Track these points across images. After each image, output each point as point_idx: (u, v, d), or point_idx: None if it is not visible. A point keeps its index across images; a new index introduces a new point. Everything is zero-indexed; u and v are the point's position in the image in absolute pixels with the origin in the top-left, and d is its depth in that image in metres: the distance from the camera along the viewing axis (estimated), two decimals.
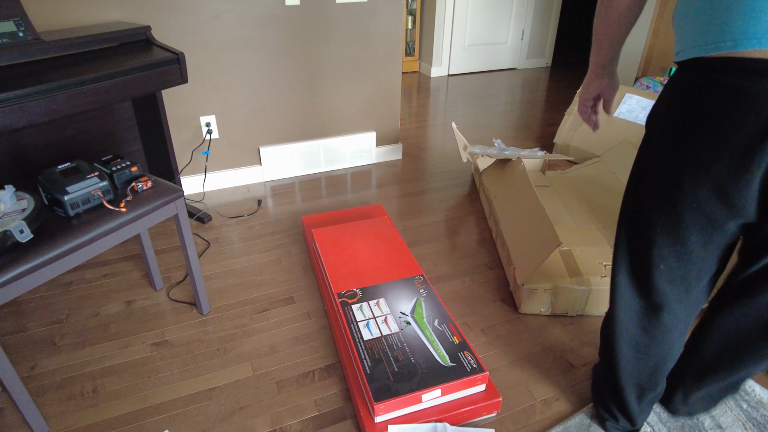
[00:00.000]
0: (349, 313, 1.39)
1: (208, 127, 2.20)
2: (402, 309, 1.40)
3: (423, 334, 1.32)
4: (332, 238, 1.72)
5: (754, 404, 1.29)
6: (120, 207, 1.21)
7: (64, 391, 1.31)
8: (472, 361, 1.24)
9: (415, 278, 1.53)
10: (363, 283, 1.51)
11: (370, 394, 1.15)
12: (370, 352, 1.26)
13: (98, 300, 1.63)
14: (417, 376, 1.19)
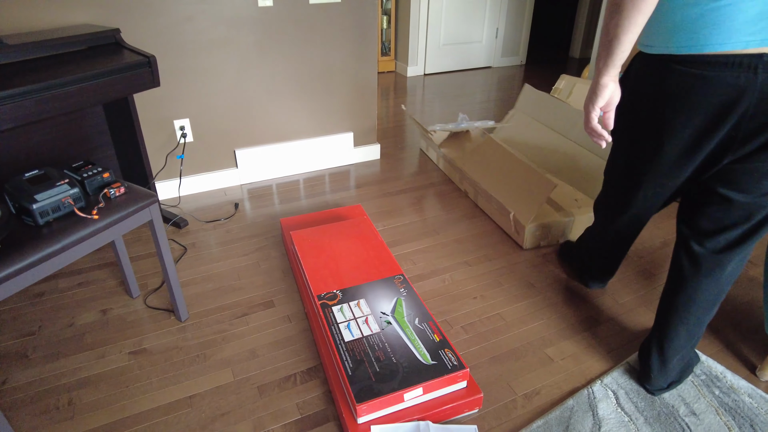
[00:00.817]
0: (330, 315, 1.38)
1: (182, 131, 2.17)
2: (383, 309, 1.41)
3: (404, 333, 1.32)
4: (311, 240, 1.71)
5: (725, 390, 1.33)
6: (92, 214, 1.19)
7: (37, 404, 1.27)
8: (452, 358, 1.25)
9: (395, 278, 1.53)
10: (343, 284, 1.50)
11: (352, 396, 1.15)
12: (352, 353, 1.26)
13: (72, 310, 1.59)
14: (399, 375, 1.20)
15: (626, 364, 1.40)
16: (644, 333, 1.53)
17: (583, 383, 1.35)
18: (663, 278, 1.78)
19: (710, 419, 1.25)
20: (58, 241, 1.11)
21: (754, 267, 1.85)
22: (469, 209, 2.21)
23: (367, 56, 2.43)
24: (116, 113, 1.89)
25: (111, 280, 1.73)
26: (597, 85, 1.04)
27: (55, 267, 1.12)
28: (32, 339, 1.48)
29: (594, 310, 1.62)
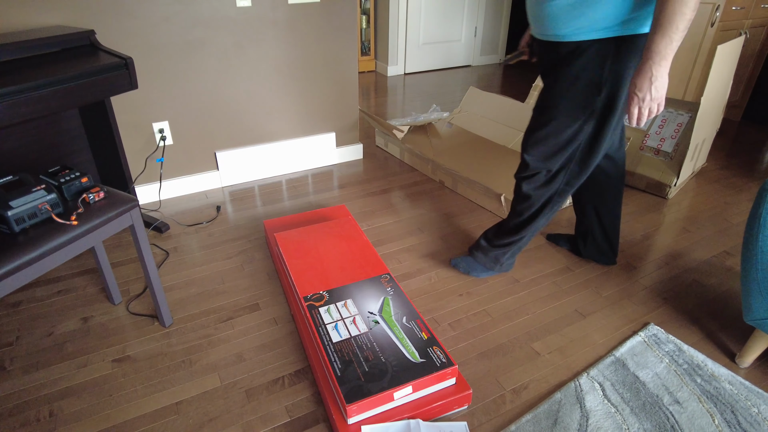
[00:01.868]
0: (317, 316, 1.38)
1: (161, 134, 2.13)
2: (370, 309, 1.40)
3: (392, 332, 1.32)
4: (295, 242, 1.70)
5: (707, 378, 1.36)
6: (71, 220, 1.16)
7: (17, 417, 1.24)
8: (441, 355, 1.25)
9: (382, 277, 1.53)
10: (329, 285, 1.50)
11: (341, 396, 1.14)
12: (340, 354, 1.25)
13: (52, 319, 1.56)
14: (388, 374, 1.20)
15: (612, 357, 1.42)
16: (629, 324, 1.55)
17: (569, 376, 1.37)
18: (645, 271, 1.81)
19: (693, 407, 1.27)
20: (35, 249, 1.08)
21: (730, 257, 1.90)
22: (453, 205, 2.22)
23: (347, 56, 2.43)
24: (93, 117, 1.85)
25: (91, 287, 1.69)
26: (665, 72, 1.16)
27: (33, 275, 1.09)
28: (9, 350, 1.44)
29: (578, 303, 1.64)
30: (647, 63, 1.16)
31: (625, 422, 1.23)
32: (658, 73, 1.15)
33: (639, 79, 1.19)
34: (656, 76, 1.16)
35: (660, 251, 1.93)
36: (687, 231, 2.07)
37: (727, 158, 2.77)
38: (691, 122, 2.27)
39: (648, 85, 1.18)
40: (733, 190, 2.41)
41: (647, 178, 2.35)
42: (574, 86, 1.31)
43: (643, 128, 1.71)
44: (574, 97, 1.32)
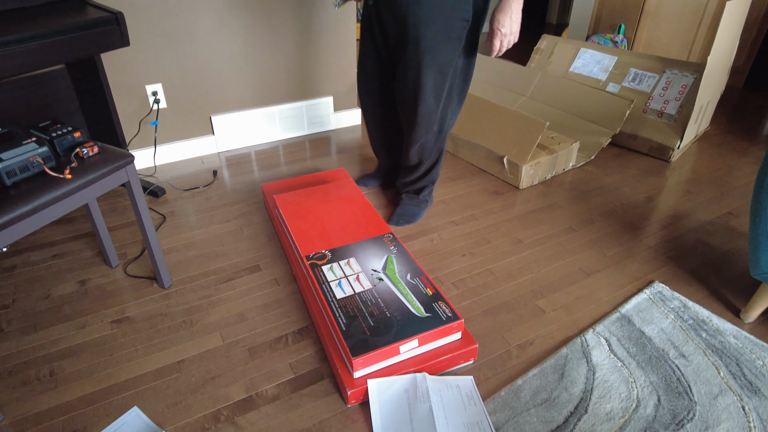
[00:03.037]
0: (320, 274, 1.35)
1: (154, 96, 2.07)
2: (373, 266, 1.38)
3: (396, 288, 1.30)
4: (295, 203, 1.66)
5: (712, 333, 1.35)
6: (64, 174, 1.12)
7: (16, 377, 1.22)
8: (447, 310, 1.23)
9: (385, 236, 1.50)
10: (332, 244, 1.47)
11: (347, 350, 1.13)
12: (344, 309, 1.24)
13: (48, 282, 1.53)
14: (393, 328, 1.18)
15: (617, 313, 1.41)
16: (634, 282, 1.54)
17: (575, 332, 1.36)
18: (648, 231, 1.80)
19: (698, 360, 1.27)
20: (28, 202, 1.05)
21: (734, 218, 1.88)
22: (454, 169, 2.19)
23: (345, 17, 2.35)
24: (83, 77, 1.79)
25: (87, 251, 1.66)
26: (520, 14, 1.30)
27: (27, 229, 1.06)
28: (6, 312, 1.41)
29: (583, 263, 1.63)
30: (507, 0, 1.32)
31: (632, 375, 1.22)
32: (517, 9, 1.31)
33: (501, 15, 1.33)
34: (515, 11, 1.31)
35: (663, 212, 1.91)
36: (690, 193, 2.05)
37: (730, 123, 2.74)
38: (696, 83, 2.23)
39: (508, 21, 1.33)
40: (736, 154, 2.39)
41: (650, 141, 2.32)
42: (449, 22, 1.38)
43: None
44: (449, 31, 1.39)
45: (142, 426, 1.10)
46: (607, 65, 2.51)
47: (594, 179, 2.15)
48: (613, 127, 2.28)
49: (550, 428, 1.10)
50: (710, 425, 1.11)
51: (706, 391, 1.19)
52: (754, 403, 1.16)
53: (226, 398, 1.17)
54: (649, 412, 1.13)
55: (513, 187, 2.07)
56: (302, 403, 1.16)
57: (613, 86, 2.47)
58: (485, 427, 1.08)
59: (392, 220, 1.81)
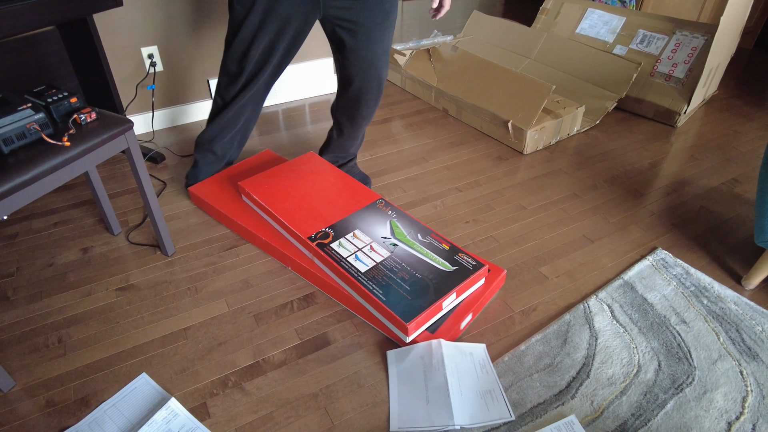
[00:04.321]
0: (332, 253, 1.32)
1: (151, 59, 2.01)
2: (381, 234, 1.37)
3: (414, 250, 1.32)
4: (267, 186, 1.57)
5: (713, 299, 1.37)
6: (63, 141, 1.09)
7: (25, 344, 1.23)
8: (470, 260, 1.29)
9: (377, 203, 1.49)
10: (328, 221, 1.44)
11: (396, 318, 1.15)
12: (374, 281, 1.23)
13: (51, 250, 1.52)
14: (430, 287, 1.21)
15: (620, 280, 1.42)
16: (637, 249, 1.55)
17: (578, 299, 1.37)
18: (652, 197, 1.79)
19: (699, 326, 1.29)
20: (28, 171, 1.03)
21: (738, 184, 1.87)
22: (458, 134, 2.16)
23: None
24: (76, 39, 1.73)
25: (88, 219, 1.65)
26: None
27: (28, 198, 1.04)
28: (11, 280, 1.41)
29: (586, 229, 1.62)
30: None
31: (633, 341, 1.24)
32: None
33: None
34: None
35: (667, 179, 1.90)
36: (695, 159, 2.03)
37: (738, 87, 2.69)
38: (706, 45, 2.17)
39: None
40: (743, 119, 2.35)
41: (656, 105, 2.28)
42: None
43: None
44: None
45: (151, 392, 1.12)
46: (614, 26, 2.44)
47: (598, 144, 2.12)
48: (619, 91, 2.24)
49: (553, 393, 1.12)
50: (708, 389, 1.13)
51: (706, 356, 1.21)
52: (752, 368, 1.18)
53: (233, 364, 1.18)
54: (650, 376, 1.16)
55: (517, 153, 2.04)
56: (309, 368, 1.18)
57: (620, 48, 2.41)
58: (497, 395, 1.10)
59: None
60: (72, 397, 1.11)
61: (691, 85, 2.19)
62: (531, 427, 1.05)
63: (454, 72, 2.31)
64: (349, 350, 1.22)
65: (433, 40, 2.47)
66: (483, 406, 1.07)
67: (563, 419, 1.06)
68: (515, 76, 2.07)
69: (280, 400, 1.11)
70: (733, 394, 1.12)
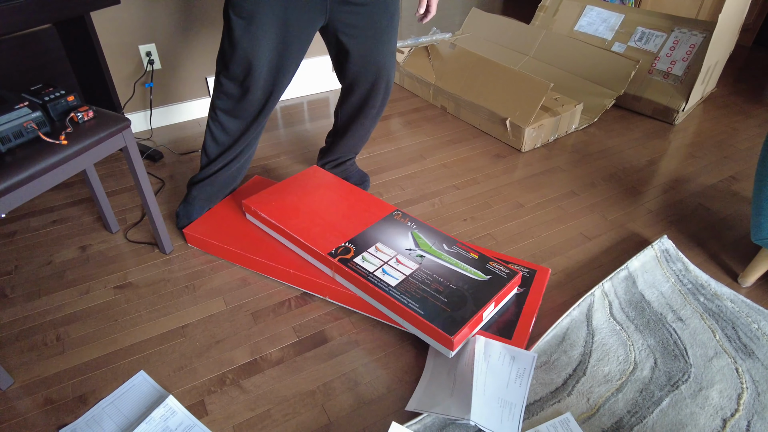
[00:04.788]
0: (357, 268, 1.26)
1: (148, 57, 2.01)
2: (405, 246, 1.34)
3: (443, 260, 1.29)
4: (274, 203, 1.49)
5: (709, 297, 1.37)
6: (60, 140, 1.10)
7: (24, 342, 1.23)
8: (502, 268, 1.28)
9: (394, 214, 1.45)
10: (347, 236, 1.37)
11: (440, 332, 1.10)
12: (408, 294, 1.19)
13: (49, 248, 1.52)
14: (467, 298, 1.18)
15: (625, 270, 1.42)
16: (634, 246, 1.55)
17: (575, 296, 1.37)
18: (649, 195, 1.79)
19: (695, 324, 1.29)
20: (25, 169, 1.03)
21: (736, 182, 1.87)
22: (456, 132, 2.16)
23: None
24: (74, 37, 1.73)
25: (87, 217, 1.65)
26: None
27: (25, 197, 1.04)
28: (9, 278, 1.42)
29: (583, 227, 1.63)
30: None
31: (630, 339, 1.24)
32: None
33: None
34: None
35: (665, 176, 1.90)
36: (693, 156, 2.03)
37: (736, 84, 2.69)
38: (705, 43, 2.17)
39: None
40: (741, 116, 2.35)
41: (654, 103, 2.28)
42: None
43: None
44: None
45: (149, 389, 1.12)
46: (613, 24, 2.44)
47: (597, 142, 2.12)
48: (617, 88, 2.24)
49: (549, 390, 1.12)
50: (704, 386, 1.14)
51: (702, 353, 1.21)
52: (748, 365, 1.19)
53: (231, 362, 1.19)
54: (646, 374, 1.16)
55: (515, 150, 2.04)
56: (306, 365, 1.18)
57: (618, 46, 2.41)
58: (516, 412, 1.05)
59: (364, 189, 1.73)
60: (70, 395, 1.11)
61: (690, 82, 2.19)
62: (527, 425, 1.06)
63: (453, 69, 2.31)
64: (346, 348, 1.22)
65: (431, 37, 2.46)
66: (498, 416, 1.03)
67: (559, 417, 1.06)
68: (513, 73, 2.07)
69: (278, 397, 1.11)
70: (729, 391, 1.13)
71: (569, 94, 2.32)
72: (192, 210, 1.54)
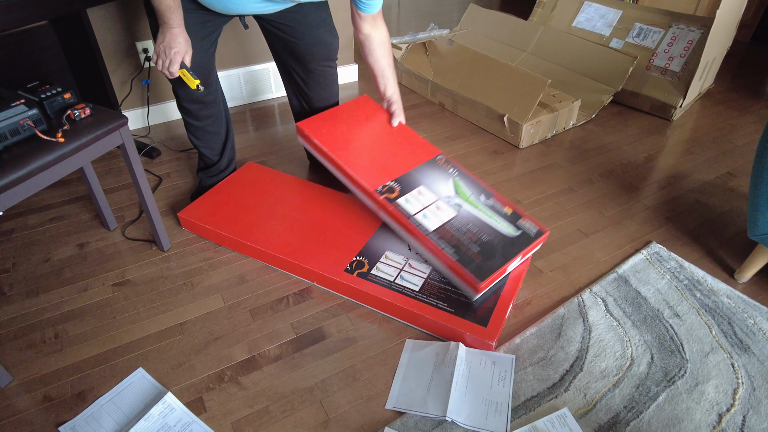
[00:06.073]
0: (401, 209, 1.34)
1: (145, 54, 2.00)
2: (445, 193, 1.41)
3: (480, 212, 1.36)
4: (326, 130, 1.54)
5: (706, 293, 1.38)
6: (57, 137, 1.09)
7: (22, 339, 1.24)
8: (531, 227, 1.35)
9: (437, 158, 1.52)
10: (393, 174, 1.42)
11: (471, 276, 1.19)
12: (444, 240, 1.27)
13: (47, 245, 1.52)
14: (497, 250, 1.27)
15: (614, 273, 1.43)
16: (631, 243, 1.55)
17: (572, 292, 1.38)
18: (647, 191, 1.79)
19: (692, 319, 1.30)
20: (22, 167, 1.03)
21: (733, 178, 1.88)
22: (453, 128, 2.16)
23: None
24: (70, 34, 1.72)
25: (84, 214, 1.65)
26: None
27: (22, 195, 1.04)
28: (7, 276, 1.42)
29: (581, 223, 1.63)
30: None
31: (627, 334, 1.25)
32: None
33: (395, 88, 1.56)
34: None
35: (663, 172, 1.90)
36: (690, 153, 2.04)
37: (734, 80, 2.69)
38: (702, 39, 2.17)
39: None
40: (738, 112, 2.36)
41: (652, 99, 2.28)
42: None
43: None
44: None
45: (148, 386, 1.13)
46: (611, 20, 2.43)
47: (594, 138, 2.12)
48: (615, 84, 2.24)
49: (546, 386, 1.13)
50: (700, 381, 1.14)
51: (698, 349, 1.22)
52: (744, 360, 1.19)
53: (230, 359, 1.19)
54: (642, 369, 1.17)
55: (513, 147, 2.05)
56: (304, 362, 1.19)
57: (616, 42, 2.40)
58: (503, 409, 1.07)
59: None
60: (69, 392, 1.12)
61: (687, 78, 2.19)
62: (524, 420, 1.06)
63: (451, 66, 2.31)
64: (344, 344, 1.23)
65: (429, 33, 2.46)
66: (483, 413, 1.06)
67: (556, 412, 1.07)
68: (511, 69, 2.07)
69: (276, 394, 1.12)
70: (725, 387, 1.13)
71: (567, 91, 2.32)
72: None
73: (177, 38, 1.25)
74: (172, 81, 1.38)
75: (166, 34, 1.25)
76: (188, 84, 1.32)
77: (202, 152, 1.62)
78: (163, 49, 1.26)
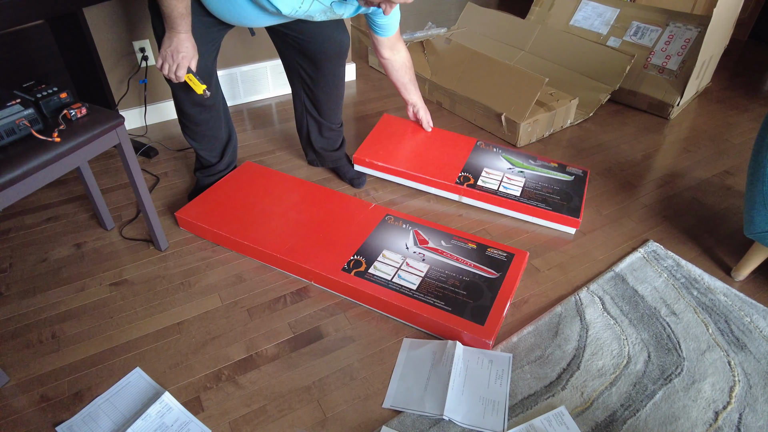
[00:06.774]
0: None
1: (142, 53, 2.00)
2: (506, 167, 1.65)
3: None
4: (383, 152, 1.76)
5: (703, 291, 1.38)
6: (53, 137, 1.09)
7: (19, 339, 1.23)
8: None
9: (478, 144, 1.79)
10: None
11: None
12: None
13: (44, 245, 1.52)
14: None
15: (611, 272, 1.43)
16: (629, 241, 1.56)
17: (570, 291, 1.38)
18: (644, 190, 1.80)
19: (689, 317, 1.30)
20: (18, 167, 1.03)
21: (730, 176, 1.88)
22: (451, 127, 2.16)
23: None
24: (67, 33, 1.72)
25: (81, 214, 1.64)
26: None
27: (18, 195, 1.04)
28: (4, 276, 1.41)
29: None
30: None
31: (624, 333, 1.25)
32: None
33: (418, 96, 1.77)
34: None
35: (660, 171, 1.91)
36: (688, 151, 2.04)
37: (732, 78, 2.70)
38: (700, 37, 2.17)
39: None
40: (736, 111, 2.36)
41: (650, 97, 2.28)
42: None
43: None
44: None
45: (145, 386, 1.13)
46: (608, 18, 2.44)
47: (592, 137, 2.13)
48: (612, 83, 2.24)
49: (543, 384, 1.13)
50: (697, 379, 1.15)
51: (695, 347, 1.22)
52: (740, 358, 1.20)
53: (227, 358, 1.19)
54: (639, 367, 1.17)
55: (510, 146, 2.05)
56: (302, 361, 1.19)
57: (614, 40, 2.40)
58: (500, 408, 1.08)
59: (359, 185, 1.78)
60: (66, 392, 1.12)
61: (685, 77, 2.19)
62: (521, 419, 1.06)
63: (448, 65, 2.31)
64: (341, 343, 1.23)
65: (427, 32, 2.46)
66: (480, 412, 1.06)
67: (553, 410, 1.07)
68: (509, 68, 2.07)
69: (273, 393, 1.12)
70: (721, 384, 1.14)
71: (564, 89, 2.32)
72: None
73: (184, 43, 1.25)
74: (174, 85, 1.37)
75: (174, 39, 1.25)
76: (194, 89, 1.32)
77: (199, 154, 1.62)
78: (170, 54, 1.26)
